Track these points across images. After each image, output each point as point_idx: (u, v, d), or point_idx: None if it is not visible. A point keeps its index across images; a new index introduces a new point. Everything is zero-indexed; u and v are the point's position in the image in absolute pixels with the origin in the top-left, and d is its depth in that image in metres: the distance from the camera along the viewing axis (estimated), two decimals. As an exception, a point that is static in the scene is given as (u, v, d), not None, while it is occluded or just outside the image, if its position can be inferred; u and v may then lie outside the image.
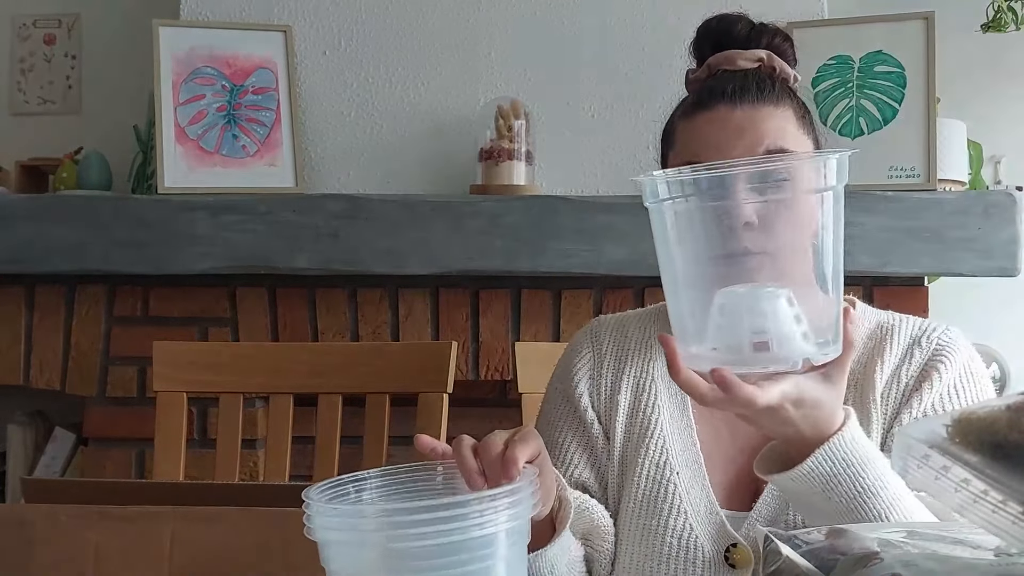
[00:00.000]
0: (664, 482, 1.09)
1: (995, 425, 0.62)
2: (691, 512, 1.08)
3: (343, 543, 0.74)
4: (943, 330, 1.11)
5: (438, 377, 1.46)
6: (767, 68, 1.10)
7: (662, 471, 1.10)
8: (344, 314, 2.27)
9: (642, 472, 1.11)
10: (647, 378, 1.16)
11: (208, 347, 1.97)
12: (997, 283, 2.18)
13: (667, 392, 1.15)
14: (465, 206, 2.14)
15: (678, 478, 1.09)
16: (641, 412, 1.14)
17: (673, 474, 1.09)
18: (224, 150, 2.25)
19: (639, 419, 1.14)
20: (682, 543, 1.06)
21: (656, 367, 1.16)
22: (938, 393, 1.06)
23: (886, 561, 0.62)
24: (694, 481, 1.09)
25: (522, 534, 0.78)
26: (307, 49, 2.37)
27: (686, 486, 1.09)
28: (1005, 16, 2.25)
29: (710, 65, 1.12)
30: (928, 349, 1.09)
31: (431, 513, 0.71)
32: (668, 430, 1.12)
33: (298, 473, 1.63)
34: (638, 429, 1.14)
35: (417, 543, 0.70)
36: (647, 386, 1.16)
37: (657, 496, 1.09)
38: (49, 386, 2.32)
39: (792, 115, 1.07)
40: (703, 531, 1.07)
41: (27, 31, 2.79)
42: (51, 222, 2.19)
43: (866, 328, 1.13)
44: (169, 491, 0.99)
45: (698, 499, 1.08)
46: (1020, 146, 2.65)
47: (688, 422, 1.13)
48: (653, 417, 1.13)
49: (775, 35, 1.13)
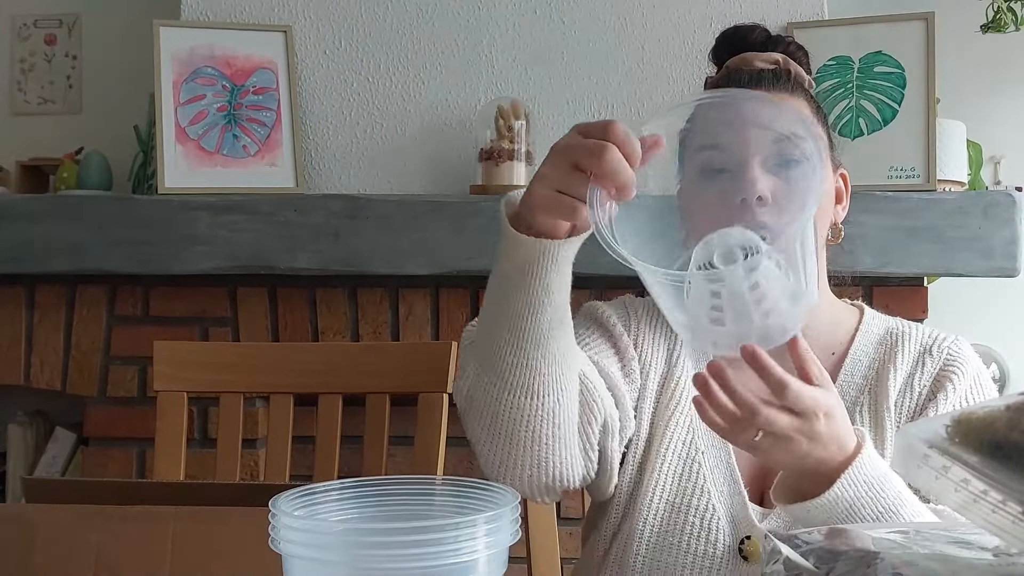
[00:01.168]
0: (690, 461, 1.09)
1: (995, 425, 0.62)
2: (715, 492, 1.07)
3: (307, 559, 0.69)
4: (952, 340, 1.13)
5: (438, 377, 1.46)
6: (783, 70, 1.12)
7: (688, 448, 1.09)
8: (344, 314, 2.27)
9: (670, 446, 1.10)
10: (677, 352, 1.15)
11: (209, 347, 1.97)
12: (997, 283, 2.18)
13: (695, 369, 1.12)
14: (465, 206, 2.14)
15: (703, 458, 1.09)
16: (673, 383, 1.13)
17: (699, 453, 1.09)
18: (225, 150, 2.25)
19: (669, 389, 1.13)
20: (704, 523, 1.06)
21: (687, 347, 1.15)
22: (951, 404, 1.08)
23: (886, 561, 0.62)
24: (719, 461, 1.09)
25: (500, 563, 0.73)
26: (307, 49, 2.37)
27: (711, 466, 1.08)
28: (1005, 16, 2.25)
29: (728, 67, 1.16)
30: (939, 359, 1.11)
31: (403, 536, 0.66)
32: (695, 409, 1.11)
33: (298, 473, 1.62)
34: (667, 399, 1.12)
35: (386, 566, 0.66)
36: (677, 360, 1.14)
37: (682, 474, 1.08)
38: (50, 386, 2.32)
39: (806, 107, 1.11)
40: (725, 513, 1.06)
41: (27, 31, 2.79)
42: (51, 222, 2.19)
43: (875, 334, 1.15)
44: (170, 491, 0.99)
45: (723, 479, 1.08)
46: (1020, 146, 2.65)
47: None
48: (680, 393, 1.12)
49: (790, 44, 1.18)
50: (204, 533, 0.92)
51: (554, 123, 2.32)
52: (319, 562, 0.69)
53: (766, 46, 1.17)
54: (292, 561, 0.70)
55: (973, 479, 0.62)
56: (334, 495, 0.79)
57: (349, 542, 0.69)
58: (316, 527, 0.71)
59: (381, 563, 0.66)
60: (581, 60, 2.34)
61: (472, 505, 0.78)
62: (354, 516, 0.79)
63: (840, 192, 1.15)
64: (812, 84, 1.17)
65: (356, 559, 0.67)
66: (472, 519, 0.70)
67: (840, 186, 1.15)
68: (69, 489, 0.98)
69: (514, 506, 0.74)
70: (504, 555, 0.73)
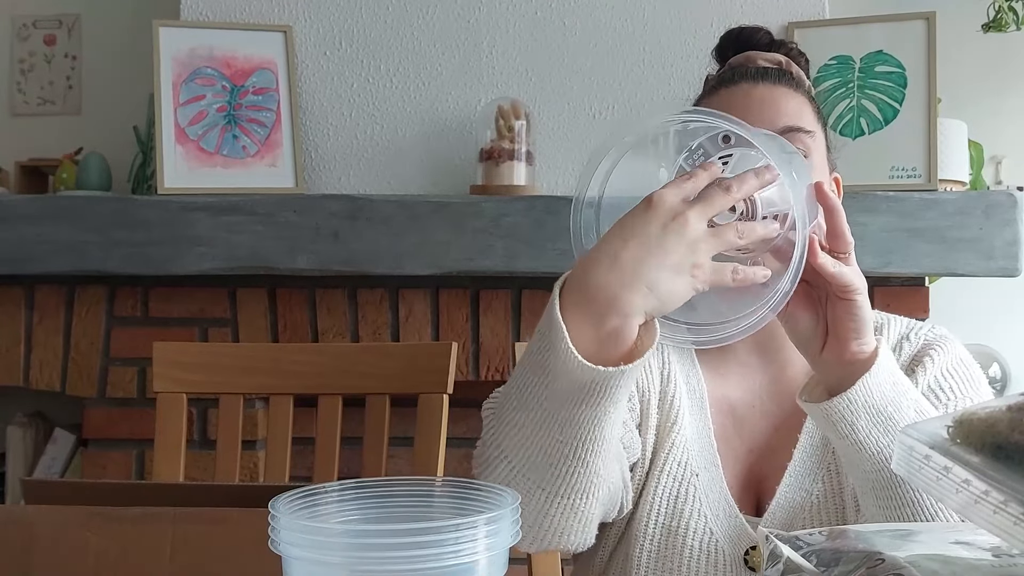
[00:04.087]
0: (685, 483, 1.07)
1: (996, 426, 0.62)
2: (711, 516, 1.06)
3: (307, 561, 0.68)
4: (931, 327, 1.13)
5: (438, 377, 1.46)
6: (785, 70, 1.13)
7: (683, 470, 1.07)
8: (344, 314, 2.27)
9: (665, 468, 1.07)
10: (667, 369, 1.12)
11: (208, 348, 1.97)
12: (998, 283, 2.18)
13: (686, 386, 1.12)
14: (465, 206, 2.14)
15: (697, 480, 1.07)
16: (668, 403, 1.10)
17: (693, 475, 1.07)
18: (224, 150, 2.25)
19: (664, 410, 1.10)
20: (703, 546, 1.05)
21: (674, 360, 1.13)
22: (932, 375, 1.07)
23: (888, 562, 0.62)
24: (712, 483, 1.07)
25: (500, 565, 0.72)
26: (307, 49, 2.37)
27: (704, 488, 1.07)
28: (1006, 16, 2.25)
29: (732, 64, 1.16)
30: (917, 343, 1.11)
31: (403, 537, 0.65)
32: (688, 428, 1.09)
33: (298, 474, 1.63)
34: (664, 420, 1.10)
35: (386, 567, 0.65)
36: (669, 376, 1.12)
37: (678, 497, 1.06)
38: (49, 387, 2.32)
39: (808, 104, 1.11)
40: (723, 534, 1.05)
41: (27, 31, 2.79)
42: (51, 222, 2.19)
43: None
44: (169, 492, 0.99)
45: (716, 501, 1.07)
46: (1021, 146, 2.65)
47: (705, 419, 1.10)
48: (675, 413, 1.10)
49: (792, 48, 1.19)
50: (203, 534, 0.92)
51: (554, 123, 2.32)
52: (319, 563, 0.68)
53: (770, 47, 1.18)
54: (292, 563, 0.70)
55: (974, 480, 0.62)
56: (334, 496, 0.79)
57: (349, 543, 0.69)
58: (316, 528, 0.71)
59: (381, 564, 0.66)
60: (581, 60, 2.34)
61: (472, 506, 0.78)
62: (354, 517, 0.79)
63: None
64: (812, 89, 1.17)
65: (356, 560, 0.67)
66: (472, 520, 0.69)
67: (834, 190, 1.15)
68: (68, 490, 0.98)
69: (514, 507, 0.73)
70: (504, 556, 0.73)
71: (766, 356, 1.13)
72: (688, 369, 1.13)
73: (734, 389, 1.13)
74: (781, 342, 1.05)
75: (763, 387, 1.13)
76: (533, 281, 2.20)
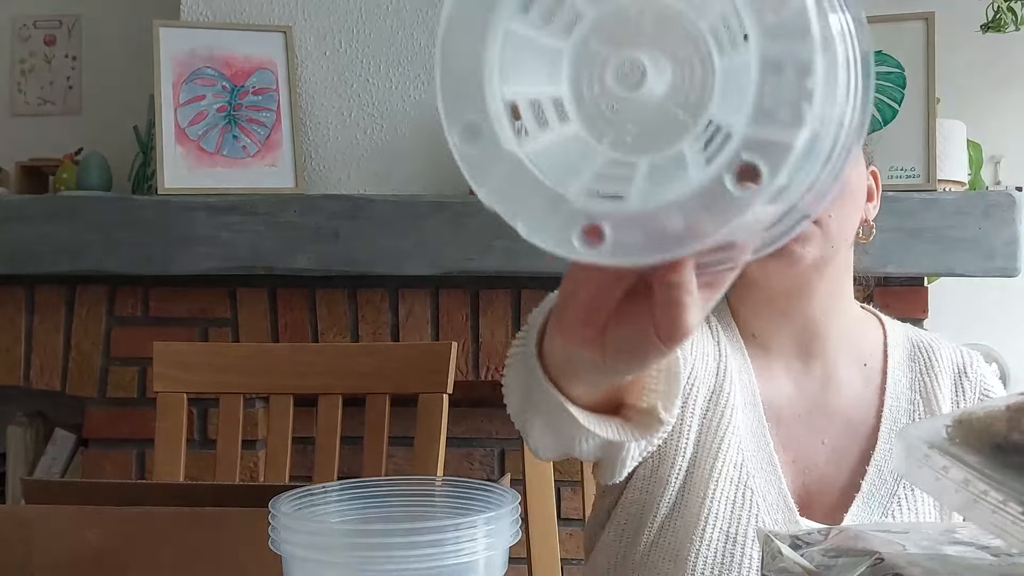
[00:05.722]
0: (742, 487, 1.03)
1: (995, 426, 0.62)
2: (769, 521, 1.02)
3: (307, 560, 0.69)
4: (979, 361, 1.16)
5: (438, 377, 1.46)
6: None
7: (740, 472, 1.04)
8: (344, 314, 2.27)
9: (722, 472, 1.03)
10: (723, 363, 1.08)
11: (208, 347, 1.97)
12: (997, 283, 2.18)
13: (740, 384, 1.08)
14: (465, 206, 2.14)
15: (755, 483, 1.04)
16: (723, 401, 1.06)
17: (750, 478, 1.04)
18: (224, 151, 2.25)
19: (719, 407, 1.06)
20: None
21: (730, 355, 1.09)
22: None
23: (887, 561, 0.62)
24: (770, 485, 1.04)
25: (500, 564, 0.73)
26: (307, 49, 2.37)
27: (762, 492, 1.04)
28: (1005, 16, 2.25)
29: None
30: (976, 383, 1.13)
31: (403, 537, 0.66)
32: (743, 428, 1.06)
33: (298, 474, 1.62)
34: (717, 417, 1.05)
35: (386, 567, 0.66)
36: (725, 372, 1.08)
37: (735, 501, 1.03)
38: (49, 387, 2.32)
39: None
40: None
41: (27, 32, 2.79)
42: (51, 222, 2.19)
43: (904, 348, 1.15)
44: (169, 492, 0.99)
45: (775, 506, 1.03)
46: (1020, 146, 2.65)
47: (760, 419, 1.07)
48: (731, 412, 1.05)
49: None
50: (204, 534, 0.92)
51: (554, 123, 2.32)
52: (319, 563, 0.69)
53: None
54: (292, 562, 0.70)
55: (974, 479, 0.62)
56: (334, 496, 0.79)
57: (349, 543, 0.69)
58: (316, 528, 0.72)
59: (381, 564, 0.66)
60: (581, 60, 2.33)
61: (472, 505, 0.78)
62: (354, 517, 0.79)
63: (871, 190, 1.13)
64: None
65: (356, 560, 0.67)
66: (472, 520, 0.69)
67: (871, 184, 1.14)
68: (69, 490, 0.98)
69: (514, 507, 0.74)
70: (504, 556, 0.73)
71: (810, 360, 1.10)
72: (740, 364, 1.10)
73: (778, 392, 1.10)
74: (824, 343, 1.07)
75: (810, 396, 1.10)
76: (533, 281, 2.20)
